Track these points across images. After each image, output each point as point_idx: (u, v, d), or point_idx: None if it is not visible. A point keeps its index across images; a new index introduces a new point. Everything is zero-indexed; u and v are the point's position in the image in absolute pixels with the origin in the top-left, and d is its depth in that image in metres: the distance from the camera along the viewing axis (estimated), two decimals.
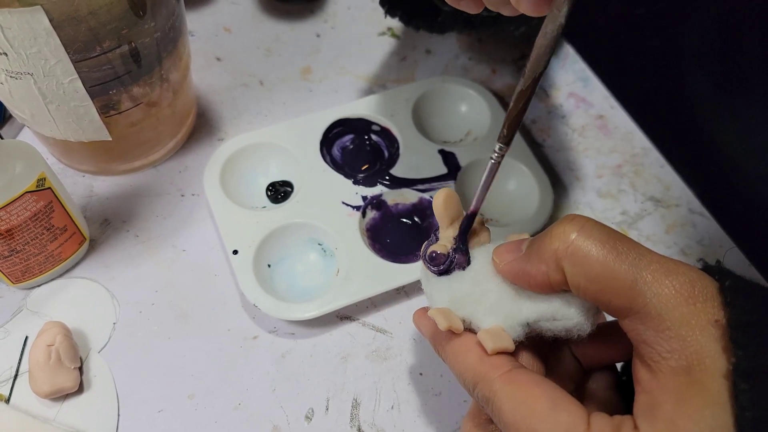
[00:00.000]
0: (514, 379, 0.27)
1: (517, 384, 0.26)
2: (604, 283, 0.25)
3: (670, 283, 0.24)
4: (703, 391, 0.22)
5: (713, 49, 0.47)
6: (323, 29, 0.56)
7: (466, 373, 0.28)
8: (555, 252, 0.26)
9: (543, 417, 0.25)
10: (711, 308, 0.23)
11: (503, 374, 0.27)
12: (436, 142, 0.47)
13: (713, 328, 0.23)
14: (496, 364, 0.27)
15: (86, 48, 0.35)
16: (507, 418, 0.26)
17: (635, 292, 0.24)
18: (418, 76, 0.53)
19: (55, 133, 0.40)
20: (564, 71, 0.54)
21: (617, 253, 0.25)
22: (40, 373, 0.36)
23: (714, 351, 0.22)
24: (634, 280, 0.24)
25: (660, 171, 0.49)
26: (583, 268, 0.25)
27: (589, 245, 0.25)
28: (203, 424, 0.37)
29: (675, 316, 0.23)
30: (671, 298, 0.23)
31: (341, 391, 0.38)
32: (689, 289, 0.24)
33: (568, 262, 0.25)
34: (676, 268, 0.24)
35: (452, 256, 0.30)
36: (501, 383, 0.27)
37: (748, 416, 0.21)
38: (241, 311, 0.41)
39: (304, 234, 0.43)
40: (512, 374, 0.27)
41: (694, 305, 0.23)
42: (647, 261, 0.24)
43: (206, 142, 0.48)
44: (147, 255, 0.43)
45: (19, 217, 0.36)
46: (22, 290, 0.41)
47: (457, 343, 0.29)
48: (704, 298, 0.23)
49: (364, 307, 0.42)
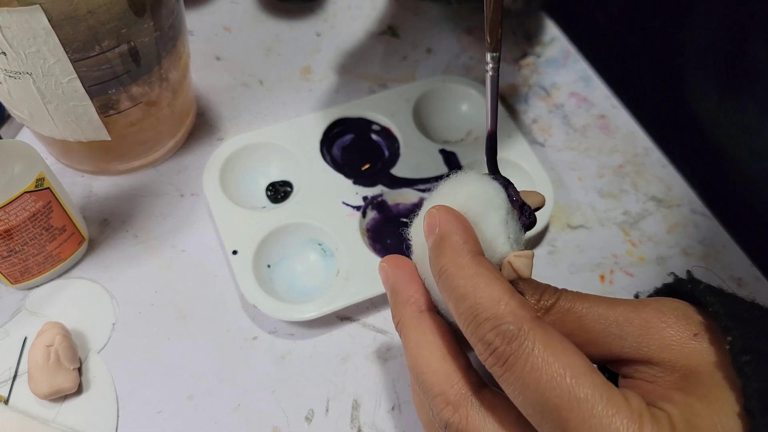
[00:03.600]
0: (546, 327, 0.23)
1: (552, 331, 0.23)
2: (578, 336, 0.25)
3: (638, 317, 0.24)
4: (705, 392, 0.22)
5: (715, 48, 0.47)
6: (323, 29, 0.55)
7: (489, 306, 0.23)
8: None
9: (590, 374, 0.22)
10: (685, 325, 0.23)
11: (534, 318, 0.23)
12: (436, 141, 0.47)
13: (694, 341, 0.23)
14: (524, 301, 0.24)
15: (85, 47, 0.35)
16: (544, 363, 0.22)
17: (608, 339, 0.25)
18: (419, 75, 0.53)
19: (54, 132, 0.40)
20: (565, 71, 0.54)
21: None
22: (39, 374, 0.36)
23: (704, 357, 0.23)
24: (603, 329, 0.24)
25: (662, 171, 0.49)
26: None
27: None
28: (203, 424, 0.37)
29: (654, 347, 0.23)
30: (644, 330, 0.24)
31: (341, 392, 0.38)
32: (659, 316, 0.24)
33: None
34: (642, 304, 0.24)
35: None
36: (535, 324, 0.23)
37: (754, 386, 0.21)
38: (241, 312, 0.41)
39: (304, 234, 0.43)
40: (545, 319, 0.25)
41: (668, 328, 0.23)
42: (614, 307, 0.25)
43: (206, 141, 0.48)
44: (146, 255, 0.42)
45: (17, 217, 0.36)
46: (21, 291, 0.41)
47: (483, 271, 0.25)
48: (676, 318, 0.24)
49: (365, 308, 0.41)
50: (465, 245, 0.25)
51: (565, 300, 0.25)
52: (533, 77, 0.53)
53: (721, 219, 0.46)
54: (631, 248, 0.45)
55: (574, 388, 0.21)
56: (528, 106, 0.52)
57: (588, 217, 0.46)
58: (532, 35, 0.56)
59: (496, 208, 0.27)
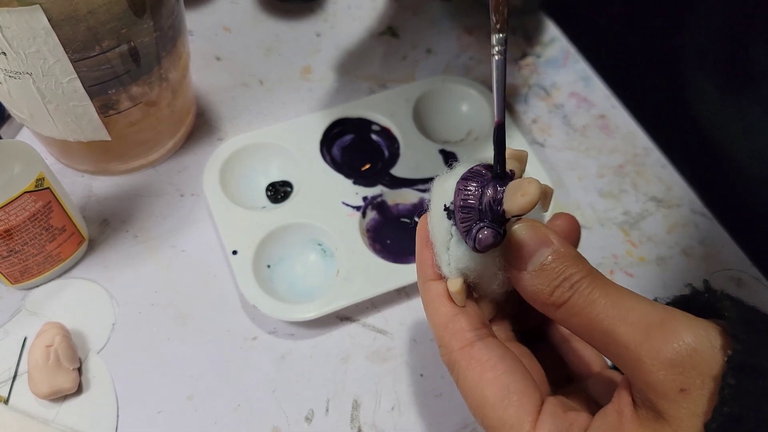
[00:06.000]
0: (473, 356, 0.26)
1: (474, 362, 0.26)
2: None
3: (635, 351, 0.23)
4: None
5: (715, 48, 0.47)
6: (323, 29, 0.55)
7: (434, 330, 0.28)
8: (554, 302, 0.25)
9: (492, 407, 0.25)
10: (677, 375, 0.22)
11: (463, 348, 0.26)
12: (436, 141, 0.47)
13: (679, 396, 0.22)
14: (458, 330, 0.26)
15: (85, 47, 0.35)
16: (464, 394, 0.26)
17: (606, 353, 0.24)
18: (419, 75, 0.53)
19: (53, 132, 0.40)
20: (565, 71, 0.54)
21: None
22: (39, 374, 0.36)
23: (682, 410, 0.22)
24: (604, 346, 0.24)
25: (662, 171, 0.49)
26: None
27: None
28: (203, 425, 0.37)
29: (640, 383, 0.23)
30: (636, 365, 0.23)
31: (341, 392, 0.38)
32: (654, 355, 0.22)
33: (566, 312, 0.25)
34: (648, 335, 0.23)
35: (504, 233, 0.25)
36: (459, 356, 0.26)
37: (725, 410, 0.20)
38: (241, 312, 0.41)
39: (304, 234, 0.43)
40: (472, 349, 0.26)
41: (658, 373, 0.22)
42: (621, 325, 0.24)
43: (206, 142, 0.48)
44: (146, 255, 0.42)
45: (17, 217, 0.36)
46: (21, 291, 0.41)
47: (432, 289, 0.28)
48: (670, 365, 0.22)
49: (365, 308, 0.41)
50: (421, 271, 0.28)
51: (578, 298, 0.24)
52: (533, 77, 0.53)
53: (721, 219, 0.46)
54: (631, 248, 0.45)
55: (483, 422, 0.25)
56: (528, 106, 0.52)
57: (588, 217, 0.46)
58: (532, 35, 0.56)
59: (438, 231, 0.26)
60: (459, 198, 0.25)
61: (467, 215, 0.25)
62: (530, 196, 0.24)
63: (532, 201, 0.24)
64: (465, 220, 0.25)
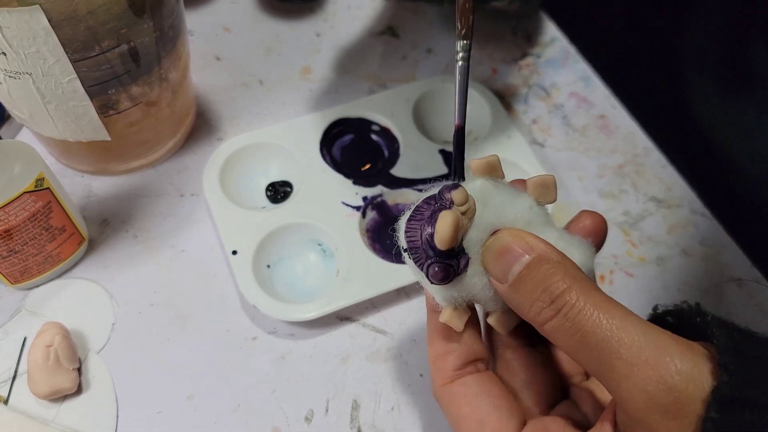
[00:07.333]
0: (453, 392, 0.28)
1: (453, 399, 0.28)
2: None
3: (624, 385, 0.22)
4: None
5: (716, 48, 0.47)
6: (323, 29, 0.55)
7: (430, 360, 0.29)
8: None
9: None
10: (667, 420, 0.21)
11: (444, 385, 0.28)
12: (436, 141, 0.47)
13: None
14: (443, 368, 0.28)
15: (85, 47, 0.35)
16: (450, 426, 0.28)
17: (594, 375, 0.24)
18: (419, 75, 0.53)
19: (53, 133, 0.40)
20: (565, 71, 0.54)
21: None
22: (38, 374, 0.36)
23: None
24: (593, 370, 0.23)
25: (662, 171, 0.49)
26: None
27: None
28: (202, 425, 0.37)
29: (622, 415, 0.23)
30: (621, 402, 0.22)
31: (341, 393, 0.38)
32: (640, 395, 0.22)
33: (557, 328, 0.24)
34: (638, 375, 0.22)
35: (455, 264, 0.25)
36: (441, 393, 0.28)
37: None
38: (241, 312, 0.41)
39: (303, 234, 0.43)
40: (452, 387, 0.28)
41: (642, 412, 0.22)
42: (612, 356, 0.23)
43: (205, 142, 0.48)
44: (146, 255, 0.42)
45: (17, 217, 0.36)
46: (21, 291, 0.41)
47: (430, 322, 0.29)
48: (661, 407, 0.21)
49: (364, 308, 0.41)
50: (426, 300, 0.29)
51: (564, 320, 0.23)
52: (533, 77, 0.53)
53: (721, 219, 0.46)
54: (632, 248, 0.45)
55: None
56: (528, 107, 0.52)
57: None
58: (531, 35, 0.56)
59: (412, 268, 0.27)
60: (406, 241, 0.26)
61: (416, 255, 0.26)
62: (439, 233, 0.24)
63: (443, 238, 0.24)
64: (417, 259, 0.26)
